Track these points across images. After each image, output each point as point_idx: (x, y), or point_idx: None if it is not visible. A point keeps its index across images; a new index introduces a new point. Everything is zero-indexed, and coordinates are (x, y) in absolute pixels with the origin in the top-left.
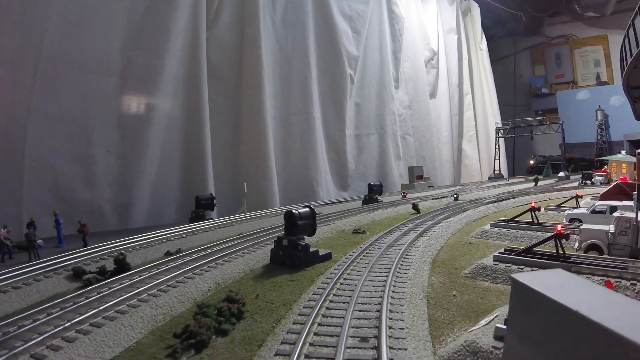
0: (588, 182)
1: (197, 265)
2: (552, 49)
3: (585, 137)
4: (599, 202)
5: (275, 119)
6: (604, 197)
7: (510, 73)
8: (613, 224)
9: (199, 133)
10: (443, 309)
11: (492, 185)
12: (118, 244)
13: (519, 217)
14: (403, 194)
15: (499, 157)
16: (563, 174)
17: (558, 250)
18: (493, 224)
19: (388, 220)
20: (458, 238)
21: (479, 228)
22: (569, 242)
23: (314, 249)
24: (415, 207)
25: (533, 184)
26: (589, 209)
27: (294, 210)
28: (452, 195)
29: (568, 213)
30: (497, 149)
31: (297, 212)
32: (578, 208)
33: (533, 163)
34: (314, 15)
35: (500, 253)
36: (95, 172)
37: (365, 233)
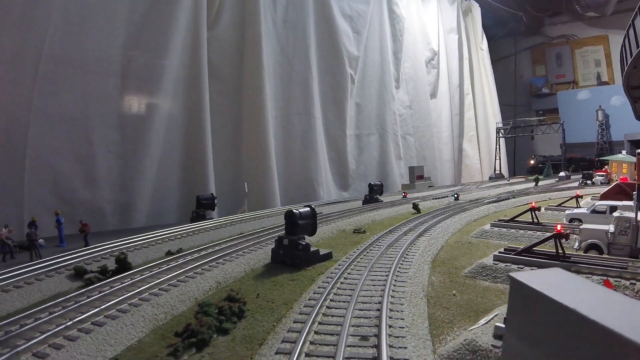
0: (588, 182)
1: (198, 265)
2: (552, 49)
3: (586, 137)
4: (599, 202)
5: (276, 119)
6: (604, 197)
7: (511, 73)
8: (613, 224)
9: (200, 133)
10: (443, 308)
11: (492, 185)
12: (119, 244)
13: (519, 217)
14: (404, 194)
15: (500, 157)
16: (563, 174)
17: (558, 250)
18: (493, 224)
19: (388, 220)
20: (458, 238)
21: (479, 228)
22: (569, 241)
23: (315, 249)
24: (416, 207)
25: (533, 184)
26: (589, 209)
27: (295, 210)
28: (452, 195)
29: (568, 213)
30: (497, 149)
31: (297, 211)
32: (578, 208)
33: (533, 163)
34: (315, 16)
35: (500, 253)
36: (96, 172)
37: (366, 233)
